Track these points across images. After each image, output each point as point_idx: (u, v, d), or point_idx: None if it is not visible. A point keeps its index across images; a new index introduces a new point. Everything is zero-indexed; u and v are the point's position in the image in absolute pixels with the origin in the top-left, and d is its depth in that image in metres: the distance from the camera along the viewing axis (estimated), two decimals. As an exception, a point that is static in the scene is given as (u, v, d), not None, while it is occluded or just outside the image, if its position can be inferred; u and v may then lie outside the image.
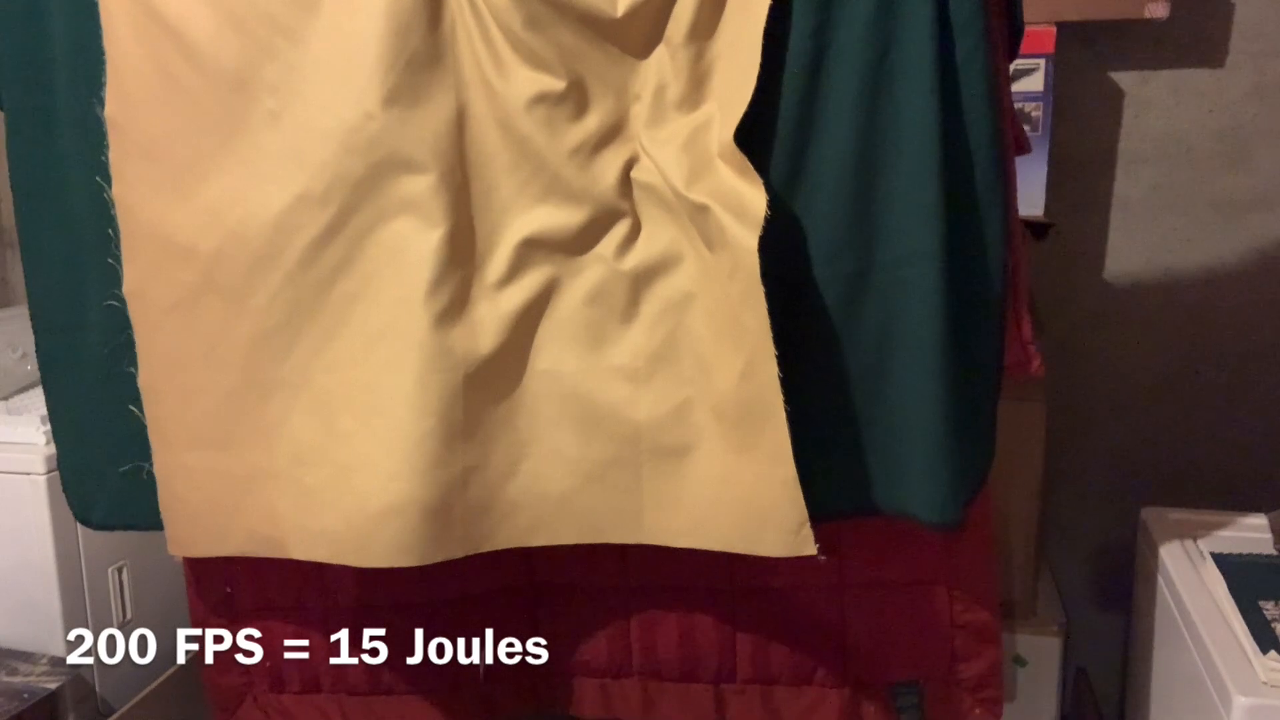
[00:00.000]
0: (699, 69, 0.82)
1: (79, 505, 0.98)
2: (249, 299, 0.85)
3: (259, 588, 1.04)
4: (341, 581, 1.02)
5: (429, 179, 0.82)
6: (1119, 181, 1.42)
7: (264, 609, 1.04)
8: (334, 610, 1.03)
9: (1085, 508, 1.51)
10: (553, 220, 0.84)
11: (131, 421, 0.93)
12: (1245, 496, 1.31)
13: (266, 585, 1.03)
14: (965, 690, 1.01)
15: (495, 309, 0.85)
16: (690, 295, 0.84)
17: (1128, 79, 1.39)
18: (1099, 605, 1.52)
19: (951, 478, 0.84)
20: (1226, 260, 1.42)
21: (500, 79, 0.82)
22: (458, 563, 0.85)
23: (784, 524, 0.81)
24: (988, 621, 0.99)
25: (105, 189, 0.88)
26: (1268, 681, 0.90)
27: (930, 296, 0.81)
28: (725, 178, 0.79)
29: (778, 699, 1.02)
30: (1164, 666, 1.14)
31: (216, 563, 1.01)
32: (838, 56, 0.80)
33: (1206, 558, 1.09)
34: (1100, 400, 1.48)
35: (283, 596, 1.03)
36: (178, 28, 0.83)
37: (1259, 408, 1.44)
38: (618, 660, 1.03)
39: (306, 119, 0.82)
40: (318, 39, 0.82)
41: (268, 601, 1.04)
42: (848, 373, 0.85)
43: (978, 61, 0.80)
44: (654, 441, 0.85)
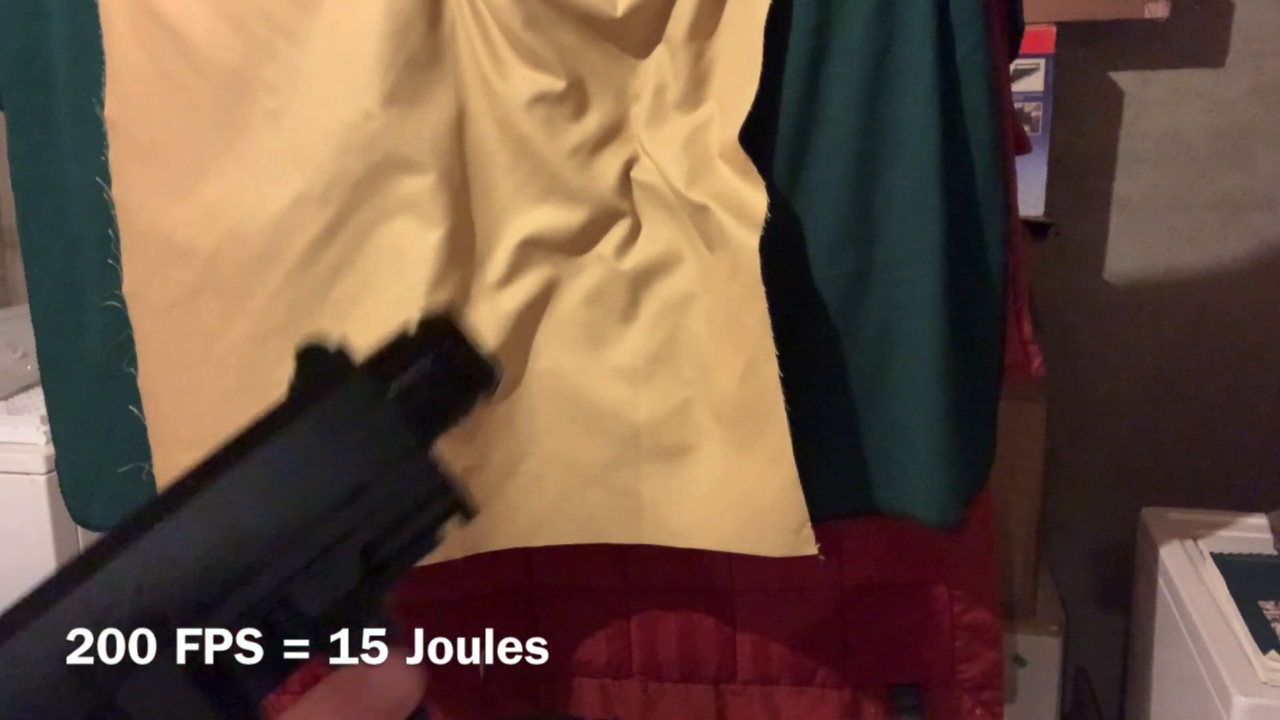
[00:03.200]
0: (699, 69, 0.82)
1: (77, 506, 0.97)
2: (247, 299, 0.85)
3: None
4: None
5: (428, 179, 0.81)
6: (1119, 181, 1.42)
7: (263, 609, 1.04)
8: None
9: (1085, 508, 1.51)
10: (552, 220, 0.84)
11: (131, 422, 0.93)
12: (1245, 496, 1.31)
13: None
14: (966, 691, 1.00)
15: (495, 309, 0.85)
16: (690, 295, 0.84)
17: (1128, 79, 1.39)
18: (1099, 605, 1.52)
19: (952, 478, 0.84)
20: (1226, 260, 1.42)
21: (500, 79, 0.82)
22: (457, 563, 0.85)
23: (784, 524, 0.81)
24: (988, 622, 0.99)
25: (105, 189, 0.88)
26: (1268, 681, 0.90)
27: (930, 296, 0.81)
28: (725, 178, 0.79)
29: (778, 700, 1.02)
30: (1164, 666, 1.14)
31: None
32: (838, 56, 0.80)
33: (1206, 558, 1.09)
34: (1100, 400, 1.48)
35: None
36: (177, 28, 0.83)
37: (1259, 407, 1.44)
38: (617, 661, 1.03)
39: (306, 119, 0.82)
40: (317, 39, 0.82)
41: (267, 602, 1.03)
42: (848, 373, 0.85)
43: (978, 61, 0.80)
44: (654, 442, 0.85)
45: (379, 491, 0.28)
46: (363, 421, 0.29)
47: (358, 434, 0.28)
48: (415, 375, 0.30)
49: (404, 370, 0.30)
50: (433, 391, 0.30)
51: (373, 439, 0.29)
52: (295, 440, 0.28)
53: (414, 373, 0.30)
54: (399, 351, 0.30)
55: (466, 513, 0.29)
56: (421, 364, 0.30)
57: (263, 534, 0.27)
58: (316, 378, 0.29)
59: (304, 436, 0.28)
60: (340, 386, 0.29)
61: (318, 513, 0.28)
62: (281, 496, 0.28)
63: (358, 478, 0.28)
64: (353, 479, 0.28)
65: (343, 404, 0.29)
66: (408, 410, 0.29)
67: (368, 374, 0.29)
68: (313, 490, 0.28)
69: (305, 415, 0.29)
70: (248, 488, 0.28)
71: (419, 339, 0.30)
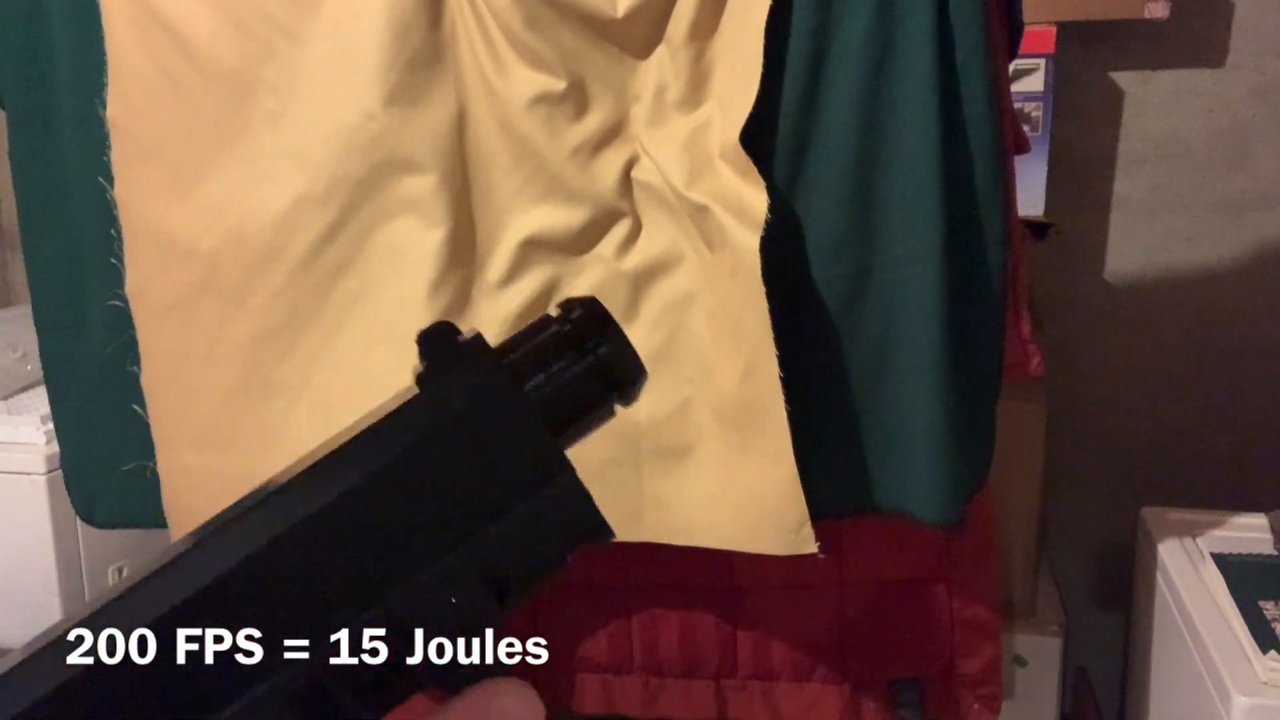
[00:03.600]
0: (699, 69, 0.83)
1: (81, 503, 0.98)
2: (249, 299, 0.85)
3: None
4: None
5: (430, 179, 0.82)
6: (1119, 181, 1.42)
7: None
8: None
9: (1085, 508, 1.51)
10: (553, 220, 0.84)
11: (135, 420, 0.93)
12: (1245, 496, 1.31)
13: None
14: (965, 686, 1.01)
15: (496, 309, 0.85)
16: (691, 295, 0.84)
17: (1128, 79, 1.39)
18: (1099, 605, 1.52)
19: (951, 477, 0.84)
20: (1226, 260, 1.42)
21: (500, 79, 0.82)
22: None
23: (785, 523, 0.81)
24: (987, 618, 0.99)
25: (107, 189, 0.89)
26: (1268, 681, 0.90)
27: (930, 296, 0.81)
28: (726, 178, 0.79)
29: (778, 695, 1.02)
30: (1164, 666, 1.15)
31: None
32: (838, 56, 0.80)
33: (1206, 558, 1.10)
34: (1100, 400, 1.48)
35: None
36: (178, 28, 0.83)
37: (1259, 408, 1.44)
38: (619, 657, 1.03)
39: (307, 119, 0.83)
40: (318, 39, 0.82)
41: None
42: (848, 372, 0.86)
43: (978, 61, 0.80)
44: (655, 441, 0.85)
45: (516, 510, 0.25)
46: (502, 425, 0.25)
47: (496, 440, 0.25)
48: (566, 375, 0.26)
49: (550, 365, 0.26)
50: (579, 394, 0.26)
51: (513, 448, 0.25)
52: (424, 443, 0.24)
53: (564, 372, 0.26)
54: (546, 343, 0.26)
55: (605, 536, 0.26)
56: (571, 361, 0.26)
57: (382, 551, 0.24)
58: (448, 368, 0.25)
59: (434, 438, 0.25)
60: (478, 382, 0.25)
61: (445, 529, 0.24)
62: (407, 509, 0.24)
63: (494, 494, 0.25)
64: (488, 495, 0.25)
65: (480, 403, 0.25)
66: (550, 414, 0.25)
67: (510, 368, 0.26)
68: (442, 504, 0.24)
69: (435, 413, 0.25)
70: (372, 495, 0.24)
71: (569, 330, 0.26)
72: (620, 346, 0.26)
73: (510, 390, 0.25)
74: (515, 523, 0.25)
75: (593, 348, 0.26)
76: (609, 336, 0.26)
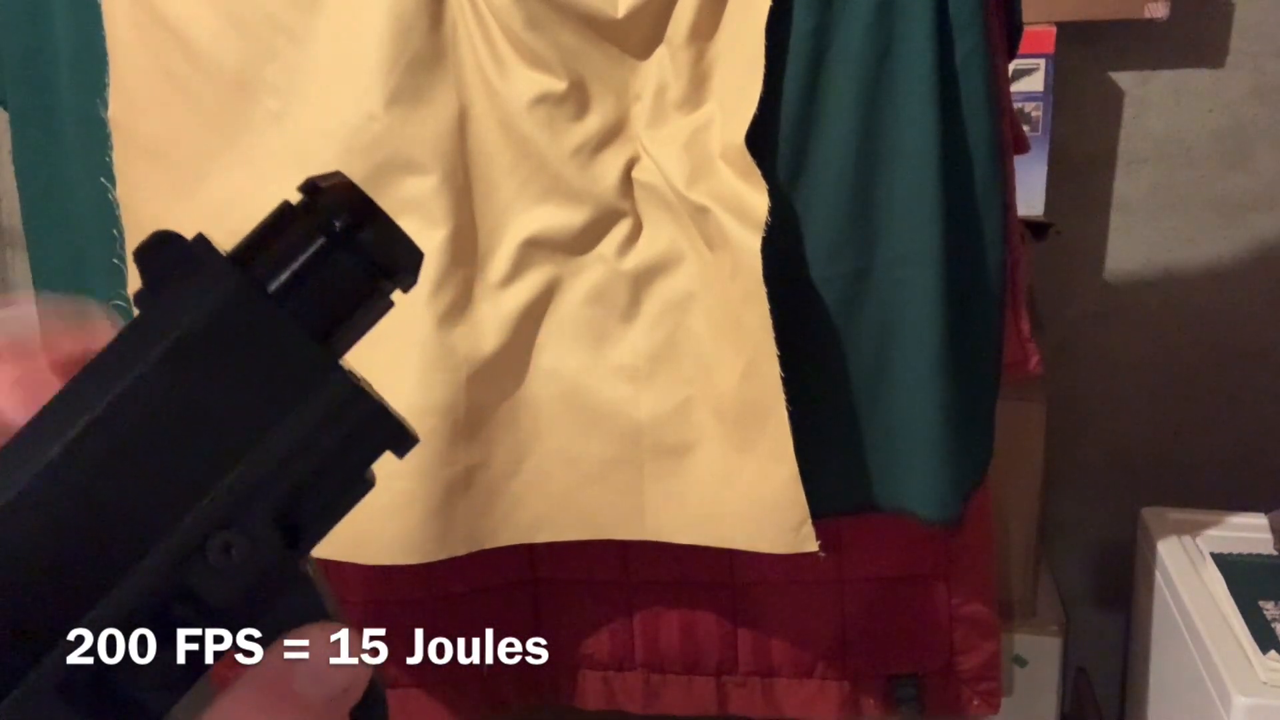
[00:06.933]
0: (699, 69, 0.83)
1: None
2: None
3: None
4: (344, 578, 1.02)
5: (431, 180, 0.82)
6: (1119, 181, 1.42)
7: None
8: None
9: (1085, 508, 1.51)
10: (554, 220, 0.84)
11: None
12: (1245, 496, 1.31)
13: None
14: (963, 682, 1.01)
15: (497, 309, 0.85)
16: (691, 295, 0.85)
17: (1128, 79, 1.39)
18: (1099, 605, 1.52)
19: (950, 475, 0.84)
20: (1226, 260, 1.42)
21: (501, 79, 0.82)
22: (461, 559, 0.86)
23: (785, 522, 0.81)
24: (986, 615, 0.99)
25: (110, 190, 0.89)
26: (1268, 681, 0.90)
27: (930, 295, 0.82)
28: (726, 178, 0.80)
29: (779, 690, 1.02)
30: (1164, 666, 1.15)
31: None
32: (837, 56, 0.81)
33: (1206, 558, 1.10)
34: (1100, 400, 1.48)
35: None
36: (180, 29, 0.84)
37: (1259, 408, 1.44)
38: (620, 653, 1.03)
39: (309, 120, 0.83)
40: (319, 40, 0.82)
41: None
42: (847, 371, 0.86)
43: (977, 61, 0.80)
44: (655, 440, 0.86)
45: (284, 434, 0.21)
46: (246, 337, 0.21)
47: (242, 356, 0.21)
48: (320, 268, 0.22)
49: (295, 259, 0.22)
50: (341, 287, 0.22)
51: (265, 362, 0.21)
52: (154, 374, 0.20)
53: (316, 264, 0.22)
54: (287, 235, 0.22)
55: (406, 440, 0.22)
56: (322, 250, 0.22)
57: (137, 510, 0.20)
58: (171, 280, 0.21)
59: (165, 366, 0.20)
60: (210, 290, 0.21)
61: (198, 473, 0.20)
62: (145, 456, 0.20)
63: (253, 420, 0.21)
64: (245, 423, 0.21)
65: (217, 313, 0.21)
66: (304, 313, 0.21)
67: (246, 268, 0.22)
68: (189, 443, 0.20)
69: (161, 335, 0.20)
70: (109, 448, 0.20)
71: (308, 216, 0.22)
72: (377, 222, 0.22)
73: (250, 293, 0.21)
74: (286, 447, 0.21)
75: (346, 230, 0.22)
76: (360, 212, 0.22)
